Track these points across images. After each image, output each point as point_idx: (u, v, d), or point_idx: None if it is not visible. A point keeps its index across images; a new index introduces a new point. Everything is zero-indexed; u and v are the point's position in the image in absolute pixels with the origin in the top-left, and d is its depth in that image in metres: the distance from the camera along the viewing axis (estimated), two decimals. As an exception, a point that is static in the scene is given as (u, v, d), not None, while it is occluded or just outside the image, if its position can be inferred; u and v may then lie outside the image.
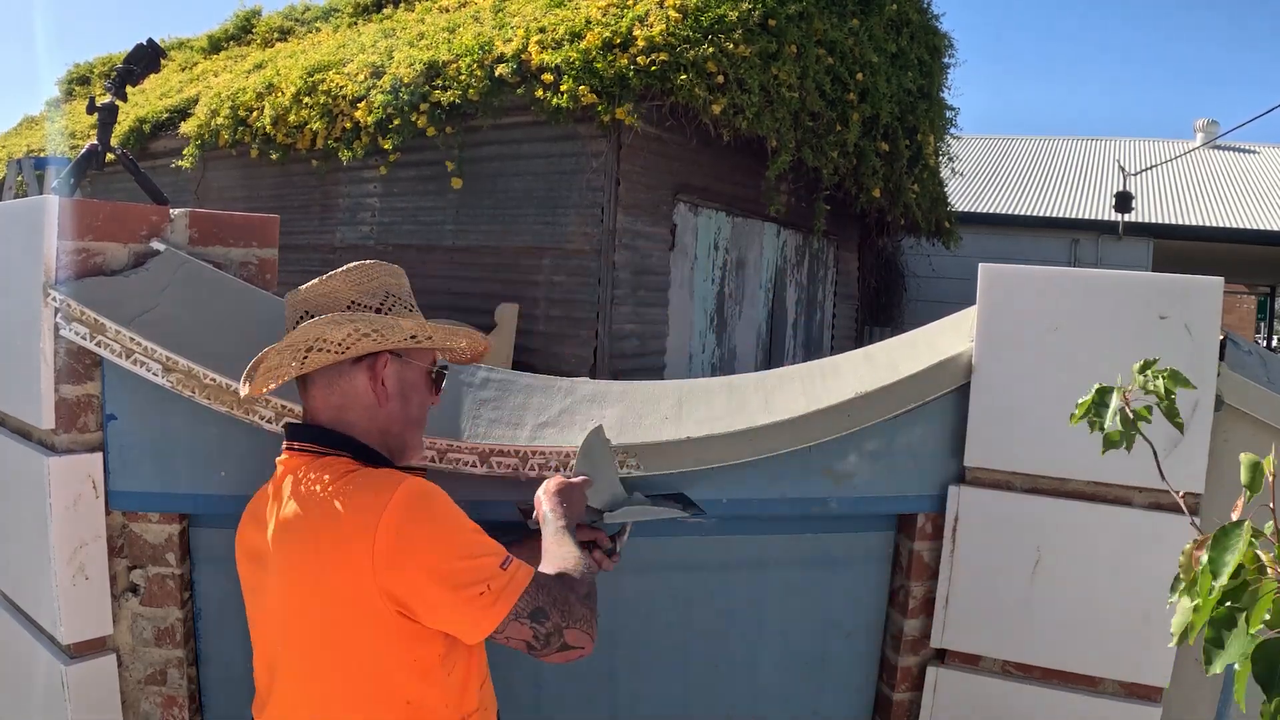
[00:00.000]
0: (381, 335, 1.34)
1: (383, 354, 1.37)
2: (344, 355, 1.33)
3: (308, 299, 1.39)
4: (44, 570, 1.68)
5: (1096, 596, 1.85)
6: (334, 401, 1.37)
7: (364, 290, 1.40)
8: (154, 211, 1.80)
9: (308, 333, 1.31)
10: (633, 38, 5.43)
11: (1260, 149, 16.16)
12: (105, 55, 13.02)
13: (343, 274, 1.41)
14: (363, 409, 1.37)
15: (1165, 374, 1.08)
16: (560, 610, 1.28)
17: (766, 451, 1.85)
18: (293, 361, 1.34)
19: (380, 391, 1.38)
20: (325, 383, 1.37)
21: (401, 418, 1.41)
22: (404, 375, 1.41)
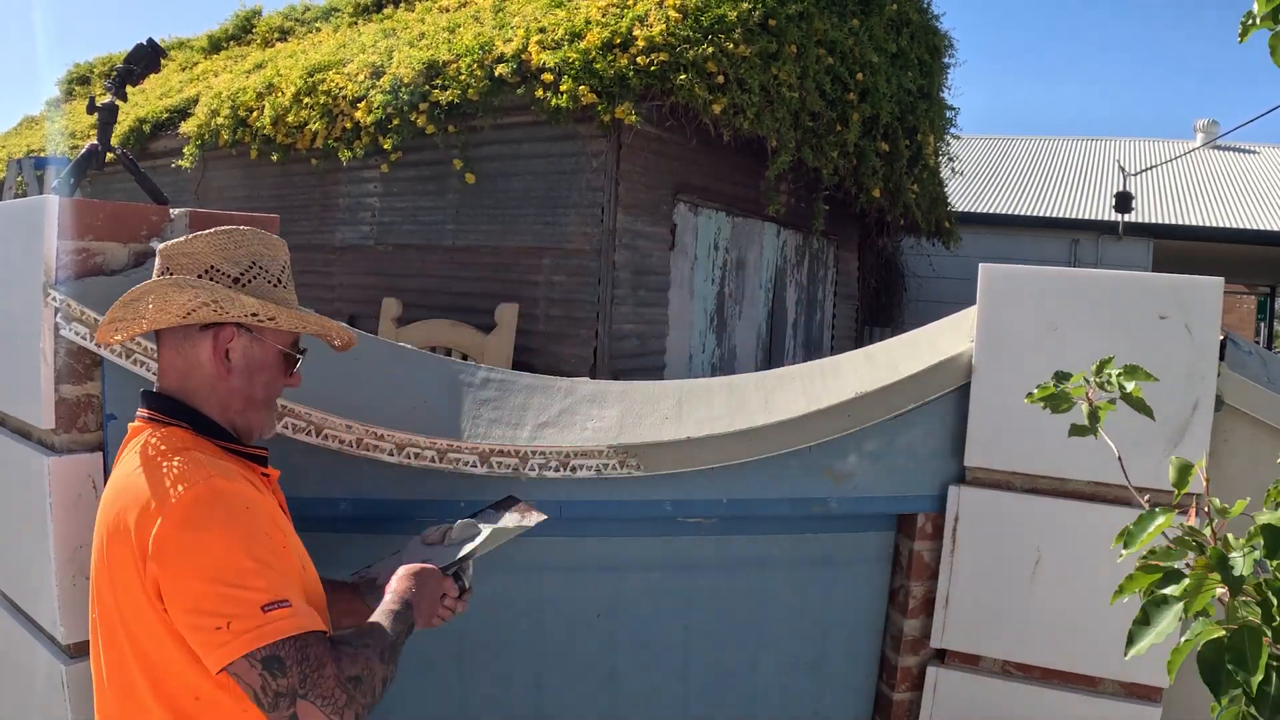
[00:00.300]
0: (220, 307, 1.29)
1: (228, 326, 1.33)
2: (187, 320, 1.29)
3: (170, 255, 1.34)
4: (44, 570, 1.68)
5: (1096, 596, 1.85)
6: (179, 366, 1.33)
7: (227, 256, 1.34)
8: (154, 211, 1.80)
9: (153, 290, 1.28)
10: (633, 38, 5.43)
11: (1260, 149, 16.16)
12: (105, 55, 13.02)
13: (210, 235, 1.35)
14: (204, 379, 1.33)
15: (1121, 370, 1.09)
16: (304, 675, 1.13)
17: (766, 451, 1.85)
18: (134, 316, 1.31)
19: (222, 364, 1.33)
20: (174, 345, 1.33)
21: (243, 395, 1.35)
22: (251, 352, 1.36)
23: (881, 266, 10.81)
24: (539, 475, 1.75)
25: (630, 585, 1.95)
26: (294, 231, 7.26)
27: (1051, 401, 1.10)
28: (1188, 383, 1.82)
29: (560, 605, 1.93)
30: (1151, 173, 13.96)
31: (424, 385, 1.84)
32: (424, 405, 1.79)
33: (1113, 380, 1.08)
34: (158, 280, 1.30)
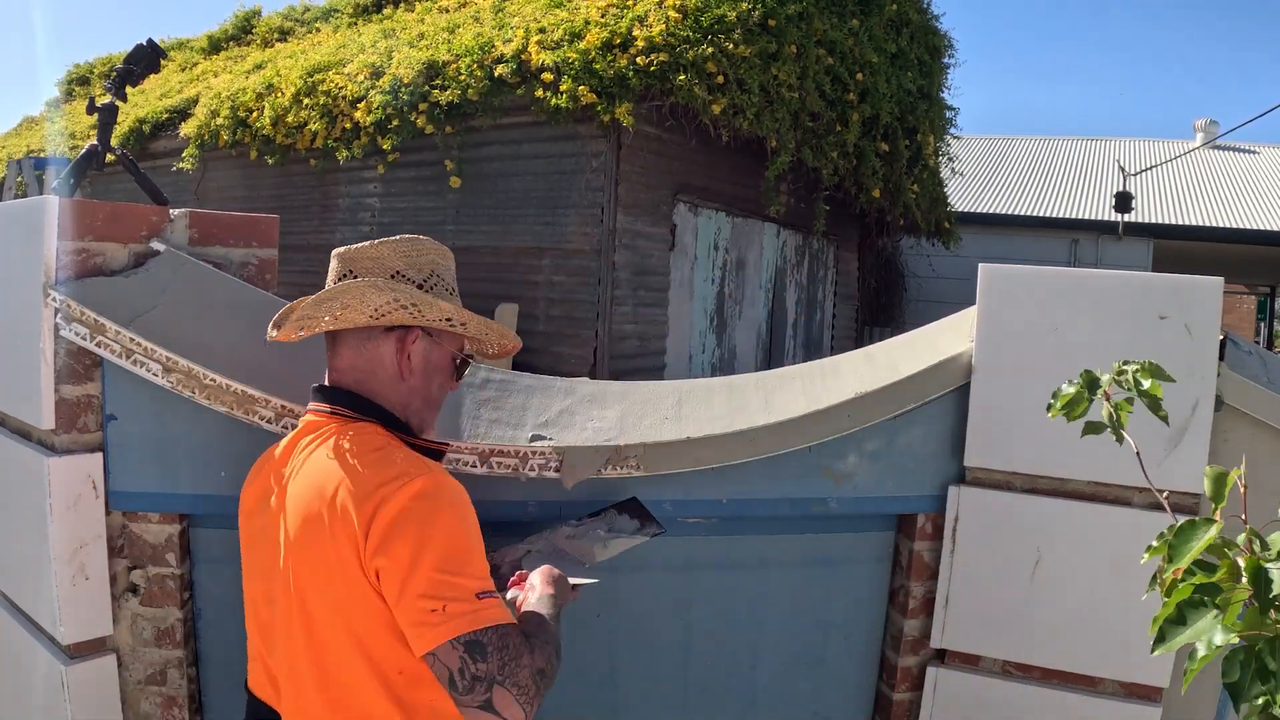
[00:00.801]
0: (418, 310, 1.36)
1: (414, 329, 1.39)
2: (377, 321, 1.35)
3: (354, 259, 1.40)
4: (44, 570, 1.68)
5: (1096, 596, 1.85)
6: (360, 365, 1.38)
7: (411, 263, 1.41)
8: (154, 212, 1.80)
9: (349, 290, 1.33)
10: (632, 38, 5.43)
11: (1260, 149, 16.16)
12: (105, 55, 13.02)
13: (394, 242, 1.41)
14: (388, 378, 1.38)
15: (1143, 366, 1.08)
16: (503, 663, 1.17)
17: (766, 452, 1.85)
18: (326, 315, 1.34)
19: (405, 365, 1.39)
20: (355, 345, 1.38)
21: (422, 395, 1.42)
22: (430, 355, 1.42)
23: (881, 266, 10.81)
24: (539, 475, 1.75)
25: (630, 585, 1.95)
26: (294, 232, 7.26)
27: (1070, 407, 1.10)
28: (1188, 383, 1.82)
29: (560, 605, 1.93)
30: (1151, 173, 13.96)
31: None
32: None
33: (1130, 378, 1.07)
34: (355, 281, 1.34)
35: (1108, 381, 1.10)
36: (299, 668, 1.28)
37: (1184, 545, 0.85)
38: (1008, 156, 16.65)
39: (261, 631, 1.36)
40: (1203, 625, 0.81)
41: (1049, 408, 1.13)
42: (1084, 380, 1.10)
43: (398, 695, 1.24)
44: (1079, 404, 1.09)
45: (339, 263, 1.41)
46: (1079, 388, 1.10)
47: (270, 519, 1.33)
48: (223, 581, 1.82)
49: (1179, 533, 0.87)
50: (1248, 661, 0.78)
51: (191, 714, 1.83)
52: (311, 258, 7.38)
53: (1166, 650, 0.83)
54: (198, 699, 1.86)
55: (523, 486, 1.78)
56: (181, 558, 1.77)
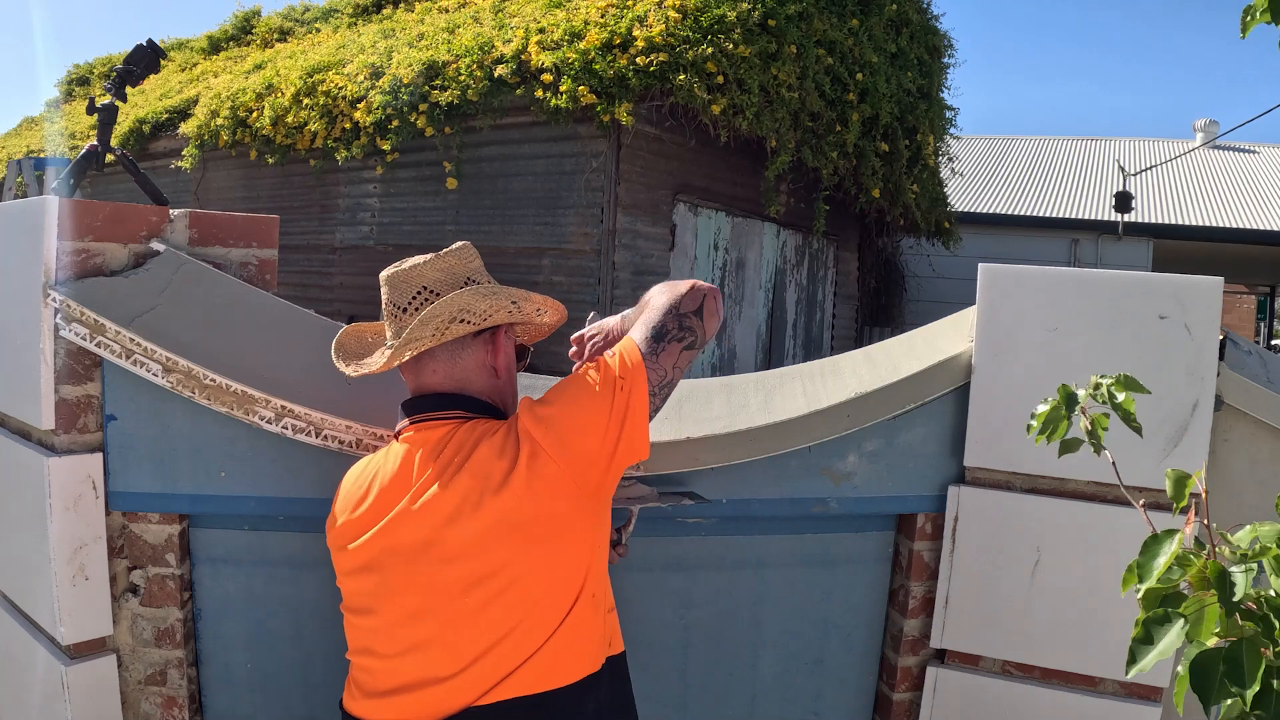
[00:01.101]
0: (518, 307, 1.41)
1: (500, 329, 1.44)
2: (480, 326, 1.38)
3: (424, 274, 1.42)
4: (44, 571, 1.68)
5: (1096, 596, 1.85)
6: (457, 375, 1.41)
7: (475, 269, 1.46)
8: (154, 212, 1.80)
9: (454, 303, 1.36)
10: (632, 38, 5.44)
11: (1260, 149, 16.16)
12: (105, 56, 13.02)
13: (454, 253, 1.45)
14: (484, 380, 1.43)
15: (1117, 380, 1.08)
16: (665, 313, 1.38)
17: (766, 452, 1.85)
18: (432, 333, 1.36)
19: (501, 363, 1.44)
20: (449, 356, 1.40)
21: (511, 389, 1.48)
22: (509, 350, 1.48)
23: (881, 266, 10.80)
24: None
25: (630, 585, 1.95)
26: (294, 232, 7.26)
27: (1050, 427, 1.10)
28: (1187, 382, 1.82)
29: (560, 605, 1.93)
30: (1151, 173, 13.96)
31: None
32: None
33: (1105, 393, 1.08)
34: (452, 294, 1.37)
35: (1084, 397, 1.10)
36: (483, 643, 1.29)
37: (1151, 562, 0.86)
38: (1008, 156, 16.65)
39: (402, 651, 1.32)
40: (1169, 641, 0.82)
41: (1028, 429, 1.13)
42: (1062, 396, 1.10)
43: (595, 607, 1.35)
44: (1058, 423, 1.10)
45: (401, 287, 1.41)
46: (1054, 405, 1.11)
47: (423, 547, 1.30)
48: (223, 581, 1.82)
49: (1145, 549, 0.89)
50: (1214, 664, 0.79)
51: (191, 714, 1.83)
52: (311, 258, 7.39)
53: (1140, 671, 0.84)
54: (198, 699, 1.86)
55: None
56: (181, 558, 1.77)
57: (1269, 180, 14.14)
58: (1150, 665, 0.83)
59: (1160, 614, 0.83)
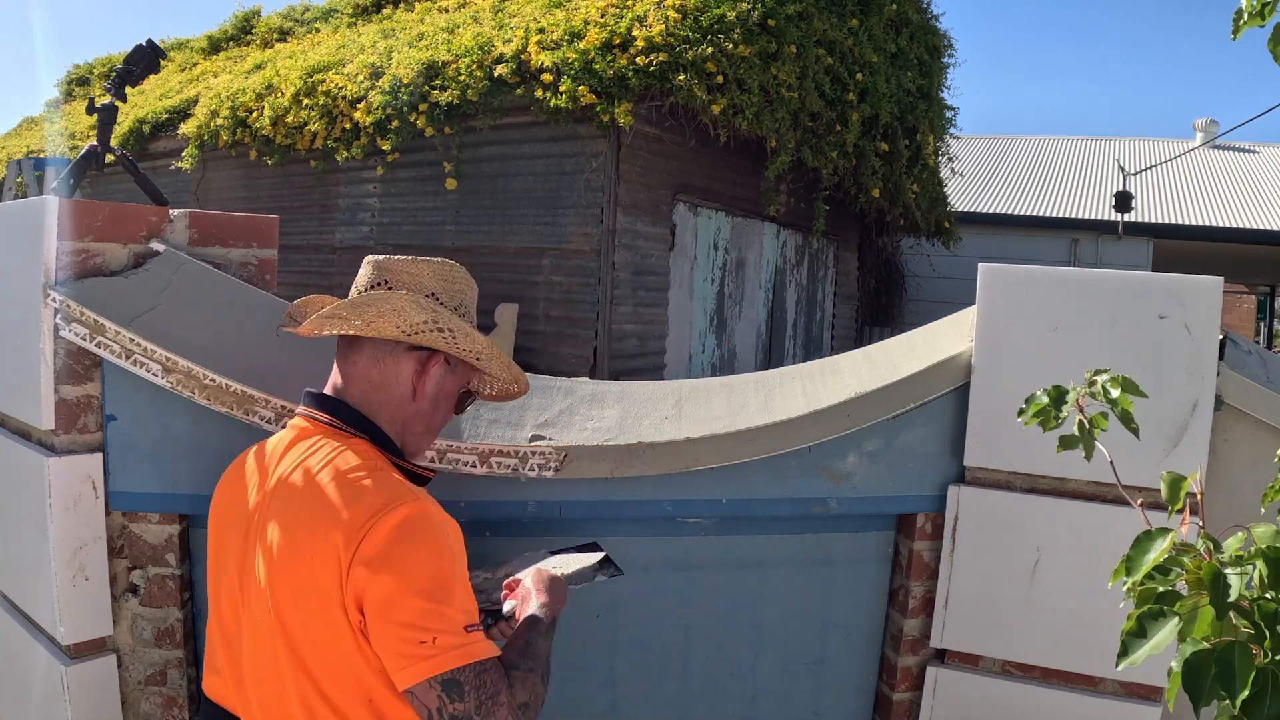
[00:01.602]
0: (453, 337, 1.35)
1: (438, 354, 1.38)
2: (408, 338, 1.33)
3: (391, 269, 1.38)
4: (44, 571, 1.68)
5: (1096, 596, 1.85)
6: (372, 377, 1.35)
7: (445, 288, 1.40)
8: (153, 212, 1.80)
9: (389, 300, 1.31)
10: (632, 38, 5.43)
11: (1260, 149, 16.15)
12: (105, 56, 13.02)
13: (434, 264, 1.41)
14: (395, 396, 1.36)
15: (1114, 378, 1.08)
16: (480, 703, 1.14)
17: (766, 451, 1.85)
18: (358, 319, 1.31)
19: (420, 387, 1.37)
20: (373, 355, 1.35)
21: (425, 420, 1.41)
22: (444, 383, 1.41)
23: (881, 266, 10.80)
24: (539, 475, 1.75)
25: (630, 585, 1.95)
26: (294, 232, 7.26)
27: (1042, 417, 1.10)
28: (1187, 382, 1.82)
29: (560, 605, 1.93)
30: (1151, 172, 13.96)
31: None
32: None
33: (1101, 390, 1.07)
34: (397, 293, 1.33)
35: (1078, 393, 1.10)
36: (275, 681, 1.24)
37: (1140, 557, 0.86)
38: (1008, 156, 16.64)
39: (226, 638, 1.32)
40: (1162, 636, 0.82)
41: (1020, 412, 1.13)
42: (1051, 394, 1.10)
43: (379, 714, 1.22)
44: (1049, 417, 1.09)
45: (374, 270, 1.39)
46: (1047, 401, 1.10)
47: (249, 525, 1.29)
48: (223, 582, 1.82)
49: (1136, 543, 0.88)
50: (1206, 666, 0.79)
51: (191, 714, 1.83)
52: (311, 258, 7.38)
53: (1130, 664, 0.83)
54: (198, 699, 1.86)
55: (522, 486, 1.78)
56: (181, 558, 1.77)
57: (1269, 180, 14.13)
58: (1141, 659, 0.83)
59: (1155, 609, 0.83)
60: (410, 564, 1.16)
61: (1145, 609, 0.84)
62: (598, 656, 1.97)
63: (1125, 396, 1.06)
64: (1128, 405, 1.07)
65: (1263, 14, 1.06)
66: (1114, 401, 1.06)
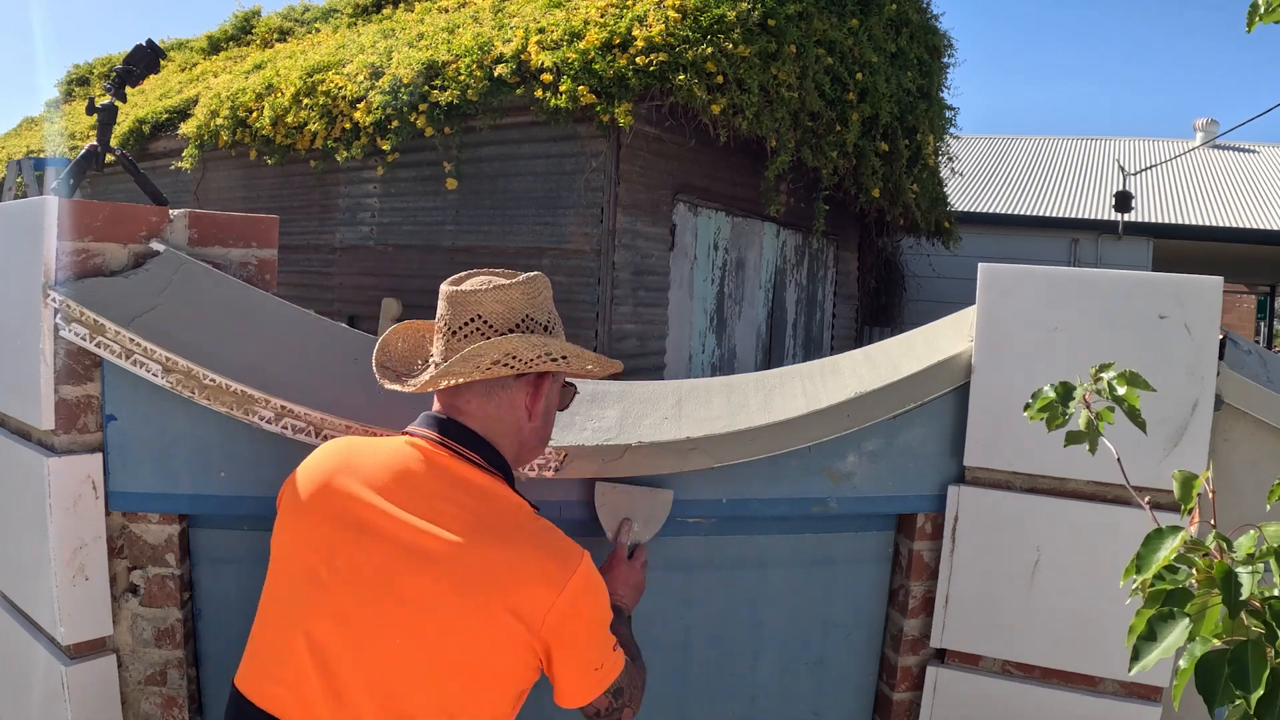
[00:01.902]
0: (567, 363, 1.39)
1: (547, 375, 1.42)
2: (527, 370, 1.36)
3: (482, 302, 1.38)
4: (44, 571, 1.68)
5: (1096, 596, 1.85)
6: (490, 412, 1.37)
7: (537, 306, 1.42)
8: (153, 212, 1.80)
9: (500, 347, 1.33)
10: (632, 38, 5.43)
11: (1260, 149, 16.16)
12: (105, 56, 13.02)
13: (521, 285, 1.41)
14: (513, 422, 1.40)
15: (1120, 374, 1.08)
16: (630, 693, 1.41)
17: (766, 451, 1.85)
18: (472, 371, 1.33)
19: (534, 409, 1.41)
20: (484, 392, 1.37)
21: (541, 435, 1.45)
22: (551, 396, 1.46)
23: (881, 266, 10.81)
24: (538, 475, 1.75)
25: (630, 585, 1.95)
26: (294, 232, 7.26)
27: (1049, 413, 1.10)
28: (1187, 382, 1.82)
29: (560, 605, 1.93)
30: (1151, 172, 13.96)
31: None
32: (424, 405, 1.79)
33: (1106, 386, 1.07)
34: (505, 338, 1.35)
35: (1084, 389, 1.09)
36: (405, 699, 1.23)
37: (1151, 555, 0.86)
38: (1008, 156, 16.65)
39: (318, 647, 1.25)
40: (1173, 639, 0.81)
41: (1026, 407, 1.12)
42: (1058, 390, 1.10)
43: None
44: (1055, 413, 1.09)
45: (458, 307, 1.38)
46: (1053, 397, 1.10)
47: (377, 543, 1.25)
48: (223, 582, 1.82)
49: (1147, 541, 0.88)
50: (1219, 666, 0.78)
51: (191, 714, 1.83)
52: (311, 258, 7.38)
53: (1142, 669, 0.83)
54: (198, 699, 1.86)
55: (523, 486, 1.78)
56: (181, 558, 1.77)
57: (1269, 180, 14.13)
58: (1153, 663, 0.82)
59: (1165, 611, 0.83)
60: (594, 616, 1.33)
61: (1155, 610, 0.83)
62: (598, 656, 1.97)
63: (1132, 391, 1.06)
64: (1134, 400, 1.06)
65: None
66: (1120, 398, 1.06)
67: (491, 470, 1.35)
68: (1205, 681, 0.79)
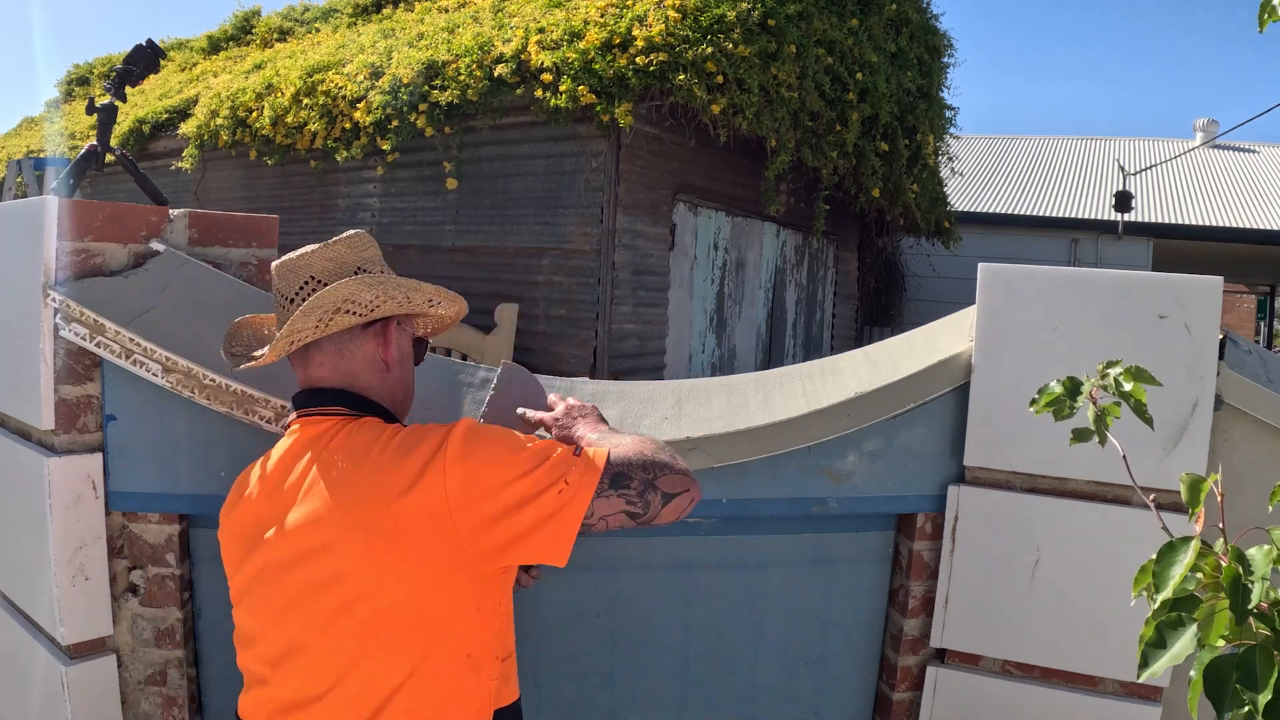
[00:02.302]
0: (408, 298, 1.34)
1: (391, 320, 1.37)
2: (367, 317, 1.32)
3: (311, 264, 1.34)
4: (44, 571, 1.68)
5: (1096, 596, 1.85)
6: (344, 368, 1.34)
7: (367, 259, 1.38)
8: (153, 212, 1.80)
9: (337, 292, 1.28)
10: (632, 38, 5.43)
11: (1260, 148, 16.15)
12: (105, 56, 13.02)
13: (345, 241, 1.37)
14: (374, 375, 1.35)
15: (1126, 370, 1.07)
16: (640, 467, 1.23)
17: (766, 451, 1.85)
18: (314, 324, 1.29)
19: (390, 357, 1.37)
20: (335, 349, 1.33)
21: (404, 384, 1.41)
22: (403, 343, 1.41)
23: (881, 266, 10.80)
24: None
25: (630, 585, 1.95)
26: (294, 232, 7.25)
27: (1055, 407, 1.09)
28: (1187, 382, 1.82)
29: (560, 604, 1.93)
30: (1151, 172, 13.96)
31: (423, 385, 1.84)
32: (423, 405, 1.79)
33: (1112, 381, 1.07)
34: (343, 281, 1.29)
35: (1091, 385, 1.09)
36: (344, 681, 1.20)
37: (1167, 571, 0.85)
38: (1008, 156, 16.64)
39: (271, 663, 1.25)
40: (1182, 646, 0.81)
41: (1032, 402, 1.12)
42: (1065, 385, 1.09)
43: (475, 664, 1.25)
44: (1062, 406, 1.09)
45: (291, 275, 1.34)
46: (1060, 392, 1.10)
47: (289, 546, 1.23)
48: (223, 581, 1.82)
49: (1160, 556, 0.86)
50: (1228, 671, 0.78)
51: (191, 714, 1.83)
52: (311, 258, 7.37)
53: (1151, 676, 0.83)
54: (198, 699, 1.86)
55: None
56: (181, 558, 1.77)
57: (1269, 180, 14.13)
58: (1162, 670, 0.82)
59: (1174, 618, 0.82)
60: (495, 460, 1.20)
61: (1164, 618, 0.83)
62: (598, 656, 1.97)
63: (1139, 387, 1.06)
64: (1141, 396, 1.06)
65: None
66: (1126, 394, 1.06)
67: (359, 413, 1.31)
68: (1214, 686, 0.78)
